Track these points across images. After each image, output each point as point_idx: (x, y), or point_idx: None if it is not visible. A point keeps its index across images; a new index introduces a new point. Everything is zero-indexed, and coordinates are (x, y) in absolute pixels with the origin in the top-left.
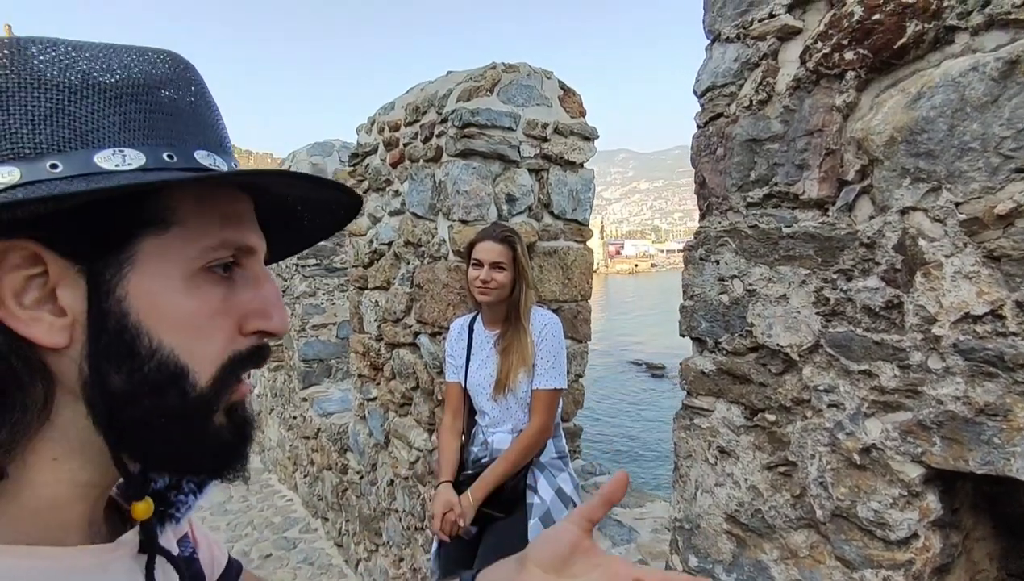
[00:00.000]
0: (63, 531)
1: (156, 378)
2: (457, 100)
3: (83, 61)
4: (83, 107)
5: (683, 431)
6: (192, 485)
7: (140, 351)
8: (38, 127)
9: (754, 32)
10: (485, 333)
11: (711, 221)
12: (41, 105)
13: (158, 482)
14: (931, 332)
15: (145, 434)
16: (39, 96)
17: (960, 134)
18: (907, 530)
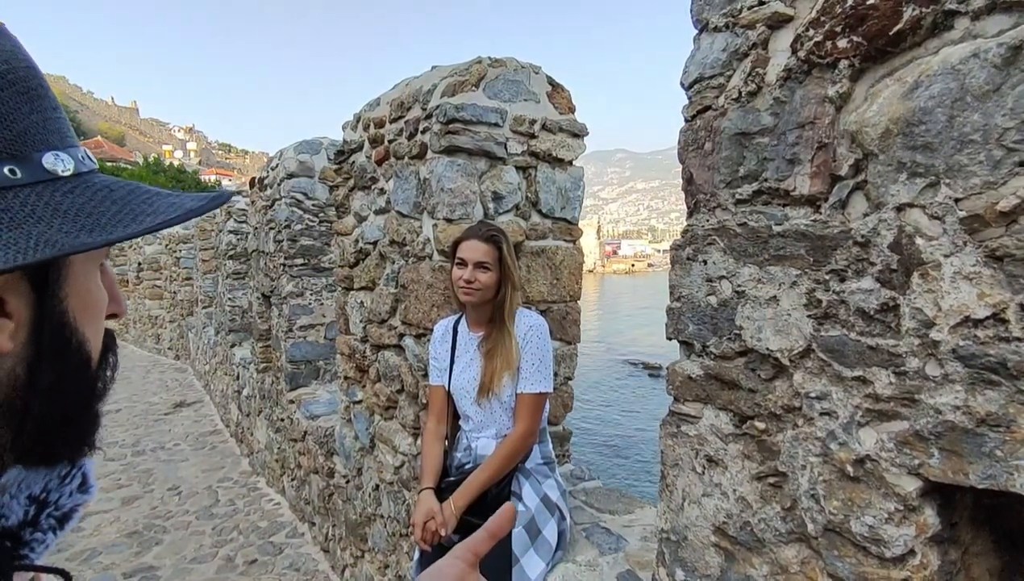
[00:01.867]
0: None
1: (75, 370)
2: (442, 95)
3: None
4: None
5: (670, 438)
6: (52, 520)
7: (71, 347)
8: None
9: (743, 20)
10: (469, 335)
11: (698, 219)
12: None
13: (9, 519)
14: (929, 337)
15: (54, 424)
16: None
17: (960, 125)
18: (903, 547)
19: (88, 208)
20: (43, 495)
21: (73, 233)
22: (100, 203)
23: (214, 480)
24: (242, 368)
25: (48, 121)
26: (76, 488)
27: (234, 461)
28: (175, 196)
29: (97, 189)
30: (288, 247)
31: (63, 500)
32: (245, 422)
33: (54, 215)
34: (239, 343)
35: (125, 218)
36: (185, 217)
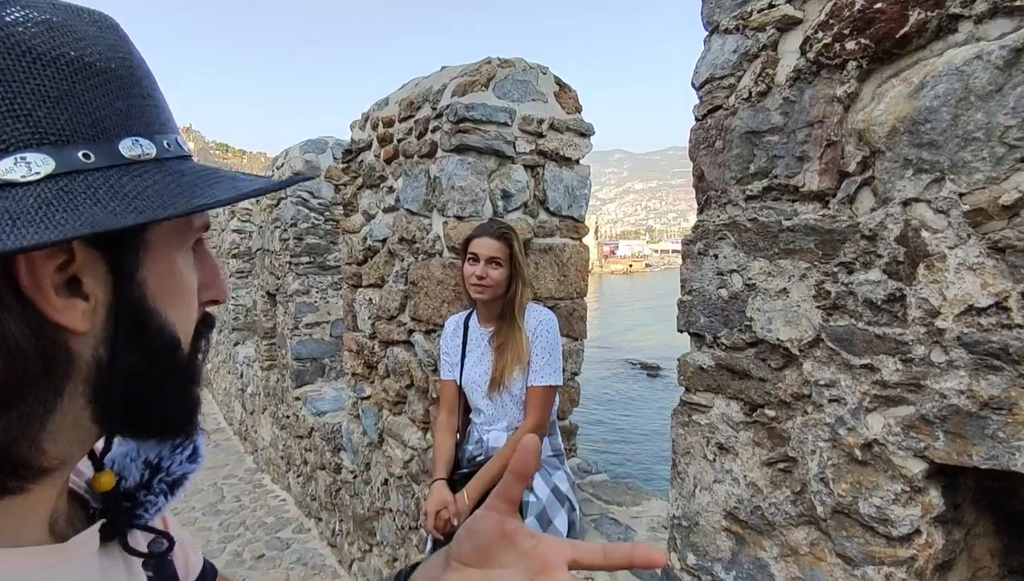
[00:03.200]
0: (24, 519)
1: (160, 352)
2: (452, 95)
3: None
4: (89, 89)
5: (681, 427)
6: (164, 486)
7: (152, 329)
8: (55, 109)
9: (753, 23)
10: (480, 330)
11: (710, 214)
12: (47, 84)
13: (128, 480)
14: (934, 325)
15: (142, 405)
16: (40, 72)
17: (964, 124)
18: (909, 526)
19: (150, 191)
20: (157, 461)
21: (121, 214)
22: (165, 186)
23: (219, 477)
24: (246, 366)
25: (133, 109)
26: (186, 458)
27: (238, 458)
28: (243, 181)
29: (169, 173)
30: (294, 245)
31: (174, 467)
32: (249, 420)
33: (112, 197)
34: (242, 342)
35: (178, 199)
36: (238, 199)
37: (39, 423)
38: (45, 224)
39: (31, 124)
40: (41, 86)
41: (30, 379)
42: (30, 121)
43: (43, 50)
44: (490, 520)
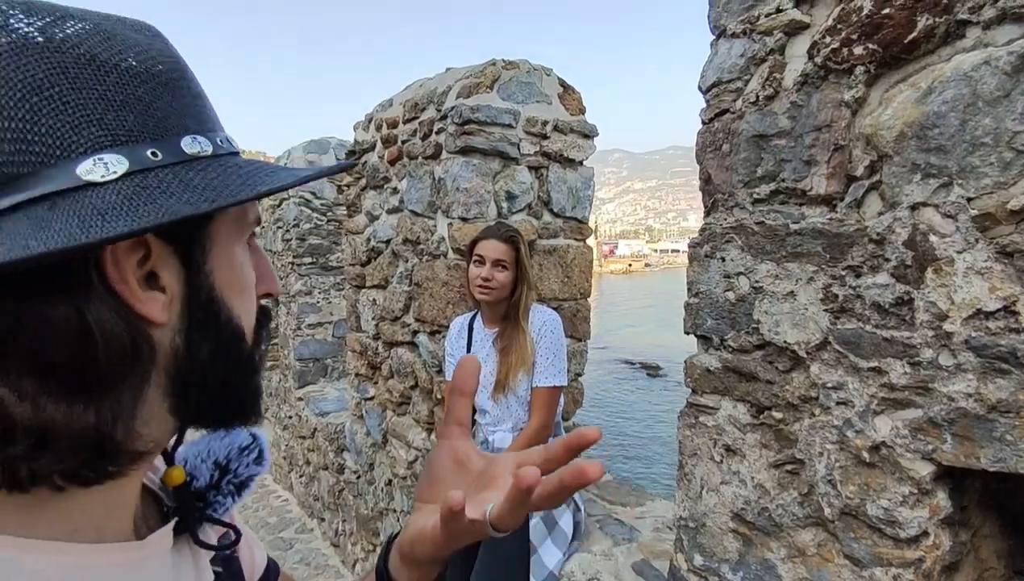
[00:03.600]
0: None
1: (229, 342)
2: (457, 97)
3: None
4: (148, 92)
5: (688, 429)
6: (232, 487)
7: (221, 319)
8: (122, 113)
9: (761, 27)
10: (485, 332)
11: (716, 218)
12: (113, 90)
13: (199, 480)
14: (942, 329)
15: (214, 394)
16: (105, 79)
17: (972, 129)
18: (917, 528)
19: (216, 182)
20: (226, 462)
21: (195, 203)
22: (228, 177)
23: None
24: None
25: (187, 108)
26: (253, 460)
27: None
28: (299, 170)
29: (228, 167)
30: (296, 246)
31: (241, 469)
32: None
33: (184, 189)
34: None
35: (242, 188)
36: (299, 183)
37: (131, 408)
38: (131, 215)
39: (104, 127)
40: (108, 92)
41: (124, 365)
42: (102, 125)
43: (105, 58)
44: (442, 450)
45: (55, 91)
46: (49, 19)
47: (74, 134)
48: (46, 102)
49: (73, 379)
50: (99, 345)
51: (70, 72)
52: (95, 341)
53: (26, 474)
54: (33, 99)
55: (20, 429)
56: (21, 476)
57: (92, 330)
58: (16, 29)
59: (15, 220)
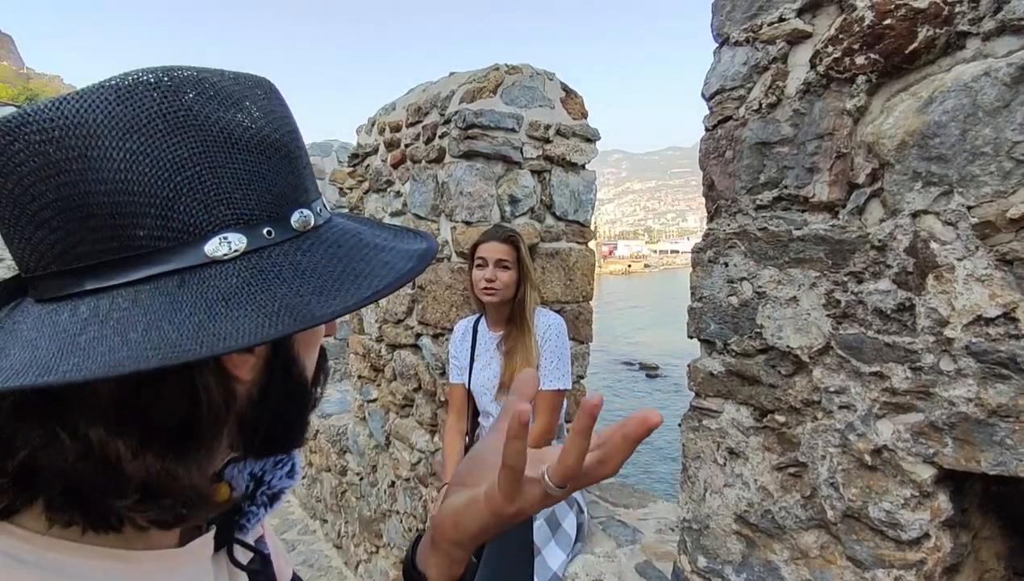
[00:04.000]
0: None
1: (297, 391)
2: (460, 101)
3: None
4: (272, 168)
5: (691, 432)
6: (265, 498)
7: (295, 374)
8: (248, 191)
9: (763, 36)
10: (489, 335)
11: (720, 223)
12: (241, 167)
13: (236, 491)
14: (943, 334)
15: (272, 433)
16: (237, 157)
17: (972, 138)
18: (919, 530)
19: (320, 267)
20: (260, 474)
21: (306, 297)
22: (329, 262)
23: None
24: None
25: (299, 181)
26: (286, 473)
27: None
28: (388, 252)
29: (329, 245)
30: None
31: (274, 481)
32: None
33: (294, 275)
34: None
35: (347, 282)
36: (398, 283)
37: (211, 459)
38: (251, 305)
39: (231, 206)
40: (237, 170)
41: (219, 427)
42: (231, 204)
43: (239, 135)
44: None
45: (196, 170)
46: (193, 86)
47: (207, 214)
48: (187, 181)
49: (173, 440)
50: (203, 409)
51: (210, 151)
52: (200, 406)
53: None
54: (177, 178)
55: (132, 484)
56: (113, 521)
57: (200, 396)
58: (160, 102)
59: (150, 294)
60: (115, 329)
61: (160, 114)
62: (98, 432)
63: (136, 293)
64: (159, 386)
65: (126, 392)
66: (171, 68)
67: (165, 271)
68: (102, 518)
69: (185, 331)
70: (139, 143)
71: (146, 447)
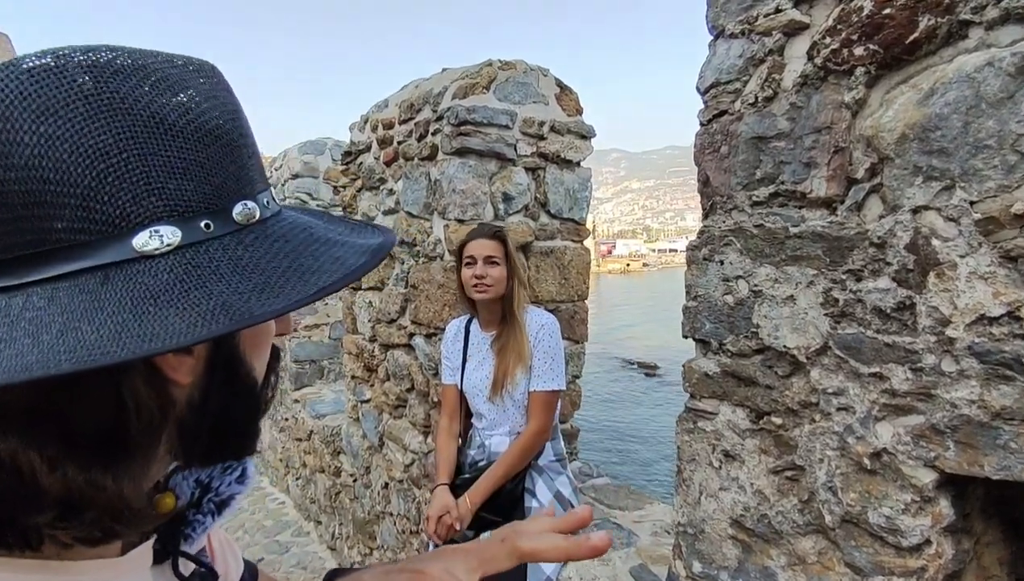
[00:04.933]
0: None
1: (244, 392)
2: (453, 97)
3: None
4: (210, 157)
5: (686, 434)
6: (212, 505)
7: (240, 374)
8: (183, 181)
9: (759, 27)
10: (482, 335)
11: (715, 220)
12: (176, 155)
13: (180, 500)
14: (945, 334)
15: (217, 438)
16: (171, 144)
17: (975, 131)
18: (920, 536)
19: (263, 263)
20: (207, 480)
21: (246, 294)
22: (274, 257)
23: None
24: None
25: (242, 170)
26: (235, 479)
27: None
28: (340, 247)
29: (275, 239)
30: None
31: (223, 488)
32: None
33: (233, 271)
34: None
35: (292, 278)
36: (348, 279)
37: (145, 469)
38: (183, 304)
39: (163, 197)
40: (172, 158)
41: (151, 435)
42: (163, 194)
43: (173, 120)
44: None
45: (122, 158)
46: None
47: (135, 205)
48: (112, 170)
49: (99, 449)
50: (131, 417)
51: (139, 137)
52: (128, 413)
53: (37, 536)
54: (100, 166)
55: (48, 497)
56: (32, 539)
57: (127, 403)
58: (83, 85)
59: (68, 292)
60: (26, 330)
61: (82, 96)
62: (8, 443)
63: (53, 291)
64: (78, 392)
65: (40, 399)
66: (97, 47)
67: (87, 267)
68: (19, 536)
69: (105, 332)
70: (56, 127)
71: (67, 457)
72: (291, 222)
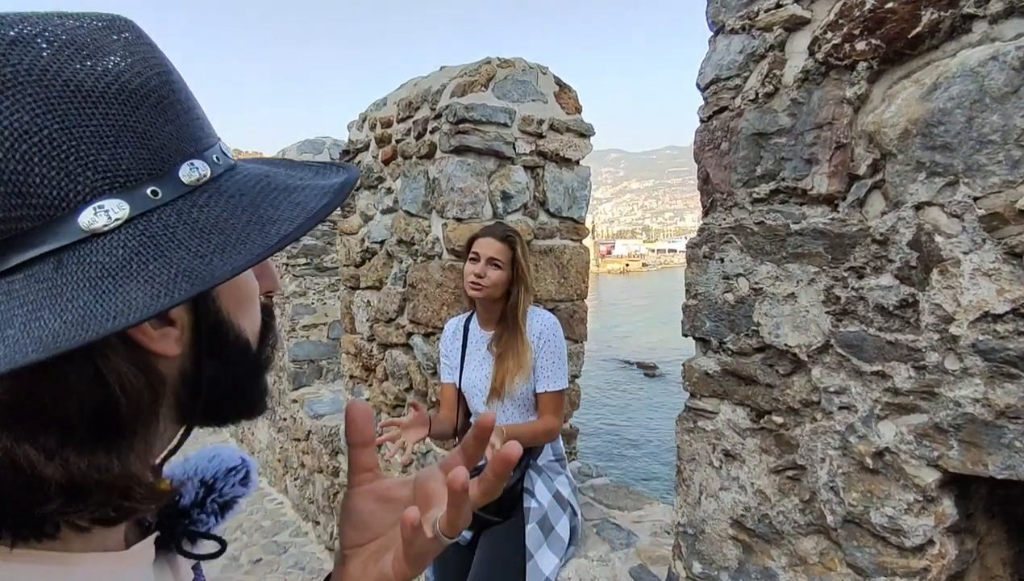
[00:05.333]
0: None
1: (236, 356)
2: (451, 95)
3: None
4: (142, 119)
5: (686, 434)
6: (216, 506)
7: (229, 339)
8: (117, 150)
9: (760, 23)
10: (480, 333)
11: (715, 217)
12: (103, 123)
13: (184, 498)
14: (948, 332)
15: (220, 401)
16: (93, 111)
17: (979, 126)
18: (923, 537)
19: (221, 222)
20: (212, 481)
21: (207, 256)
22: (232, 213)
23: None
24: None
25: (182, 128)
26: (239, 481)
27: None
28: (301, 192)
29: (230, 195)
30: (290, 247)
31: (226, 489)
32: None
33: (191, 235)
34: None
35: (252, 231)
36: (310, 223)
37: (148, 444)
38: (143, 275)
39: (99, 170)
40: (100, 127)
41: (144, 411)
42: (98, 167)
43: (91, 85)
44: (359, 496)
45: (45, 134)
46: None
47: (70, 182)
48: (37, 149)
49: (96, 432)
50: (118, 397)
51: (59, 109)
52: (115, 394)
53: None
54: (22, 146)
55: (53, 486)
56: (48, 528)
57: (111, 384)
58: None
59: (24, 283)
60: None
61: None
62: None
63: (9, 285)
64: (57, 381)
65: (22, 394)
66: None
67: (37, 255)
68: (34, 527)
69: (68, 317)
70: None
71: (65, 446)
72: (247, 174)
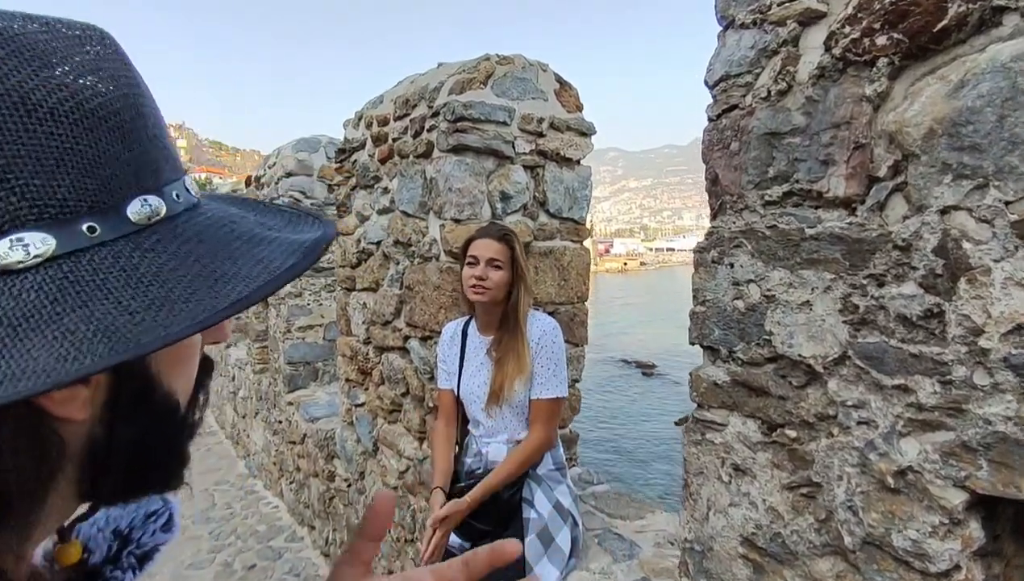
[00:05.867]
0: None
1: (160, 419)
2: (449, 93)
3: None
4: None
5: (694, 446)
6: (133, 559)
7: (155, 398)
8: (55, 176)
9: (772, 17)
10: (479, 339)
11: (724, 221)
12: (45, 143)
13: (95, 555)
14: (977, 344)
15: (132, 473)
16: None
17: (1011, 126)
18: (948, 561)
19: (165, 271)
20: (128, 531)
21: (138, 313)
22: (181, 263)
23: (210, 483)
24: (237, 369)
25: (141, 158)
26: (160, 527)
27: (230, 463)
28: (268, 245)
29: (184, 241)
30: None
31: (145, 538)
32: (241, 424)
33: (125, 284)
34: (234, 344)
35: (201, 288)
36: (270, 287)
37: (29, 526)
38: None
39: (27, 197)
40: (39, 147)
41: (33, 489)
42: (26, 194)
43: (39, 98)
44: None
45: None
46: None
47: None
48: None
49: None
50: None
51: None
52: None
53: None
54: None
55: None
56: None
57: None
58: None
59: None
60: None
61: None
62: None
63: None
64: None
65: None
66: None
67: None
68: None
69: None
70: None
71: None
72: (210, 217)
